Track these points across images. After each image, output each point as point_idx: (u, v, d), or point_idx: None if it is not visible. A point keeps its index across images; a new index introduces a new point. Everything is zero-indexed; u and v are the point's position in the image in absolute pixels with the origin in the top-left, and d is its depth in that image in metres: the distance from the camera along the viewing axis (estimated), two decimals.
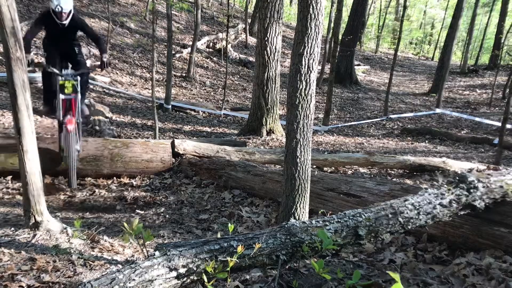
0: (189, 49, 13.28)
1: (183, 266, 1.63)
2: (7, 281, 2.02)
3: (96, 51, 10.87)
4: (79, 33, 4.64)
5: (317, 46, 2.57)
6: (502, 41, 15.54)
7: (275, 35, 7.08)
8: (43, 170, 2.73)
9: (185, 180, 4.58)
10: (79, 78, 4.25)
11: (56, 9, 4.12)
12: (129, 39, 13.65)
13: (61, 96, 4.18)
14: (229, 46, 14.76)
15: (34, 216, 2.64)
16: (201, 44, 14.91)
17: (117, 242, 2.85)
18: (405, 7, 12.87)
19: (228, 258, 1.69)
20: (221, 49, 15.18)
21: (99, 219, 3.57)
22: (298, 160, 2.65)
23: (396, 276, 1.15)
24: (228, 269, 1.68)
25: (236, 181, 4.22)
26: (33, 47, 10.85)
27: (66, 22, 4.24)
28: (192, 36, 13.19)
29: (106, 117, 7.47)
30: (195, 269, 1.66)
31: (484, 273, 2.13)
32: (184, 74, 12.97)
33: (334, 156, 5.29)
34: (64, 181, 4.33)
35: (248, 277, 2.18)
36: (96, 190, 4.28)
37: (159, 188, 4.42)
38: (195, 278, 1.68)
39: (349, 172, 5.12)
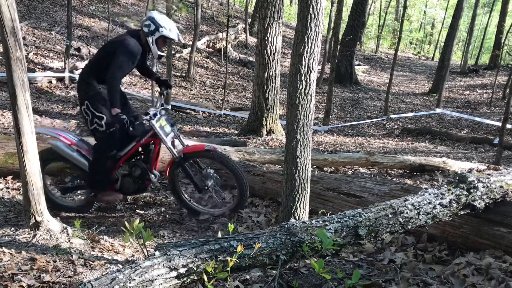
0: (189, 49, 13.28)
1: (183, 266, 1.64)
2: (8, 281, 2.03)
3: None
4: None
5: (317, 46, 2.57)
6: (502, 41, 15.55)
7: (275, 35, 7.08)
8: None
9: (185, 180, 4.57)
10: (168, 107, 3.73)
11: (179, 38, 3.58)
12: None
13: (166, 139, 3.51)
14: (229, 46, 14.76)
15: (34, 216, 2.65)
16: (201, 44, 14.91)
17: (117, 242, 2.85)
18: (405, 7, 12.89)
19: (228, 258, 1.69)
20: (221, 49, 15.18)
21: (99, 219, 3.57)
22: (298, 160, 2.65)
23: None
24: (228, 269, 1.68)
25: None
26: (33, 46, 10.87)
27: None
28: (192, 36, 13.19)
29: None
30: (195, 269, 1.66)
31: (484, 273, 2.13)
32: (184, 74, 12.97)
33: (334, 156, 5.29)
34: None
35: (248, 277, 2.18)
36: None
37: (159, 188, 4.42)
38: (195, 278, 1.68)
39: (349, 172, 5.11)
